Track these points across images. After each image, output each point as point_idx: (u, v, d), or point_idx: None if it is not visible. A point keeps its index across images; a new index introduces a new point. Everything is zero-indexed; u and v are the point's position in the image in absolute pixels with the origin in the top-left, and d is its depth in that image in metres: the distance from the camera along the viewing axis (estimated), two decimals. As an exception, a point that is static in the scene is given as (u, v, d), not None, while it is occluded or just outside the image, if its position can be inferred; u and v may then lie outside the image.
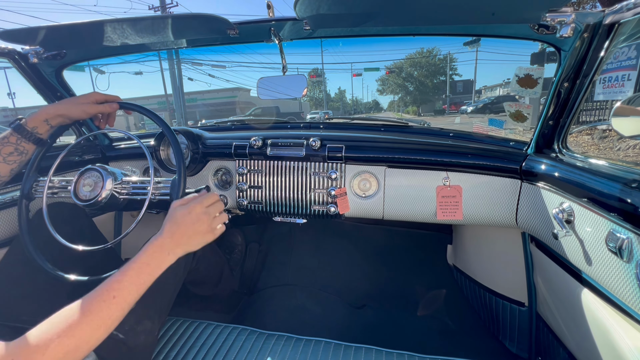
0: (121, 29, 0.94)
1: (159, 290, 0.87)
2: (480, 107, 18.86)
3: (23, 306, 0.85)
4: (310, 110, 30.14)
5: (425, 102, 33.43)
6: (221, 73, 21.21)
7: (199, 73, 14.94)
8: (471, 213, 1.05)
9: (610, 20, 0.71)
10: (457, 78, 33.61)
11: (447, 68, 32.12)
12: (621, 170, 0.70)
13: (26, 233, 0.83)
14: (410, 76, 34.76)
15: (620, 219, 0.61)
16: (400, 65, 35.01)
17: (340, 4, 0.78)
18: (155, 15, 0.88)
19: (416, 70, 34.26)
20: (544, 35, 0.80)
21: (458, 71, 34.07)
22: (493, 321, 1.29)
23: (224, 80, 27.04)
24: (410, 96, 35.16)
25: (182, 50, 1.26)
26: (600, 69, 0.78)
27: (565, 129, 0.90)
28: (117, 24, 0.89)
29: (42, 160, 0.89)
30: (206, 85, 26.54)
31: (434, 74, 33.55)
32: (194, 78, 32.82)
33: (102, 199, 0.84)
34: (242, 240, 1.71)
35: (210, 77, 16.98)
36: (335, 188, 1.11)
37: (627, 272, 0.60)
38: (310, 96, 37.59)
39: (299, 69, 23.31)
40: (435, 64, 33.32)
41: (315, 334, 0.92)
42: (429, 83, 33.60)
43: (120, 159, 1.37)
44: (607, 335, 0.67)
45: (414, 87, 34.61)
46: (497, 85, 33.18)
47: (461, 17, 0.85)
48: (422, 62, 33.57)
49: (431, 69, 33.45)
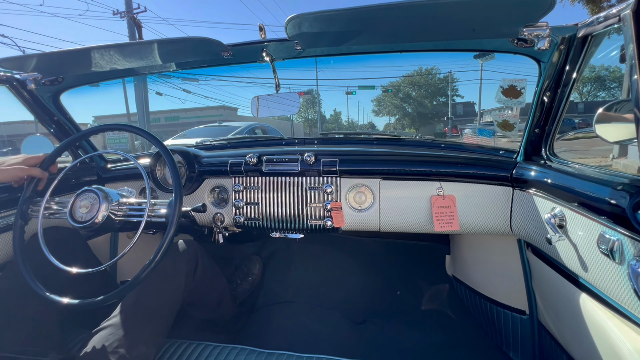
0: (116, 54, 0.97)
1: (155, 313, 0.86)
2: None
3: (15, 334, 0.83)
4: (304, 132, 29.47)
5: (425, 125, 31.53)
6: (200, 89, 19.96)
7: (173, 88, 13.28)
8: (466, 222, 1.06)
9: (583, 33, 0.75)
10: (458, 100, 31.74)
11: (449, 88, 29.90)
12: (608, 174, 0.72)
13: (20, 254, 0.82)
14: (408, 96, 32.56)
15: (609, 222, 0.63)
16: (397, 84, 32.38)
17: (327, 24, 0.82)
18: (150, 40, 0.92)
19: (414, 90, 32.26)
20: (524, 49, 0.85)
21: (459, 92, 32.05)
22: (495, 331, 1.28)
23: (203, 96, 25.08)
24: (408, 118, 32.84)
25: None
26: (579, 78, 0.81)
27: (551, 136, 0.93)
28: (113, 49, 0.92)
29: (37, 184, 0.90)
30: (186, 102, 24.62)
31: (433, 95, 31.60)
32: (170, 95, 30.74)
33: (98, 221, 0.84)
34: (259, 270, 1.64)
35: (186, 92, 16.05)
36: (331, 202, 1.12)
37: (620, 274, 0.61)
38: (304, 117, 36.52)
39: (291, 87, 22.53)
40: (435, 84, 31.30)
41: (317, 350, 0.91)
42: (428, 104, 31.59)
43: (116, 180, 1.37)
44: (606, 339, 0.66)
45: (412, 109, 32.46)
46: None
47: (444, 34, 0.89)
48: (421, 82, 31.62)
49: (430, 89, 31.64)
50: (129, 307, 0.84)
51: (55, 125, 1.28)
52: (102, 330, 0.79)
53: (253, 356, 0.88)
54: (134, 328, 0.80)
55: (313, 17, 0.77)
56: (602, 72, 26.79)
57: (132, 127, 0.94)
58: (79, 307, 0.76)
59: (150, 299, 0.87)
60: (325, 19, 0.79)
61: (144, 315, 0.84)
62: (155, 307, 0.87)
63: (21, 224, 0.87)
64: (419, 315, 1.49)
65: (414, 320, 1.48)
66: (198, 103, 24.61)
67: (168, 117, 23.73)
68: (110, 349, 0.75)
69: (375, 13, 0.76)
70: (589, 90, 28.44)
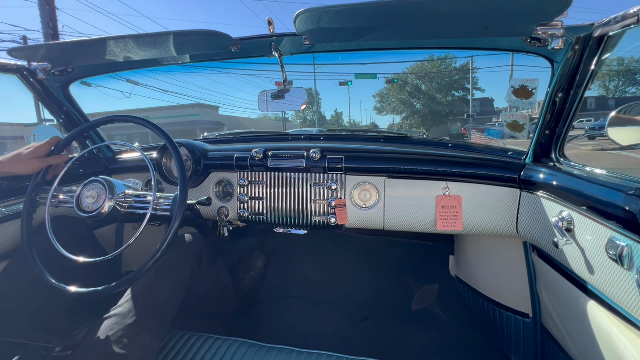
0: (125, 45, 0.97)
1: (159, 304, 0.87)
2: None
3: (21, 321, 0.85)
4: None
5: (437, 124, 25.62)
6: (174, 86, 17.83)
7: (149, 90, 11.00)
8: (472, 223, 1.05)
9: (599, 32, 0.73)
10: (479, 95, 25.26)
11: (469, 78, 23.34)
12: (619, 178, 0.70)
13: (28, 240, 0.83)
14: (418, 90, 26.11)
15: (619, 227, 0.62)
16: (404, 76, 25.68)
17: (336, 19, 0.81)
18: (157, 32, 0.92)
19: (424, 82, 25.76)
20: (537, 48, 0.83)
21: (479, 84, 24.88)
22: (497, 333, 1.27)
23: (173, 93, 22.07)
24: (418, 116, 26.47)
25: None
26: (592, 79, 0.80)
27: (562, 138, 0.91)
28: (122, 40, 0.93)
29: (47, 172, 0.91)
30: (164, 101, 21.65)
31: (448, 88, 25.31)
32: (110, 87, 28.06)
33: (104, 211, 0.85)
34: (262, 265, 1.66)
35: (132, 83, 14.64)
36: (335, 199, 1.12)
37: (628, 280, 0.60)
38: (302, 117, 32.16)
39: (293, 80, 18.81)
40: (450, 75, 25.09)
41: (317, 346, 0.91)
42: (442, 99, 25.38)
43: (123, 171, 1.38)
44: (611, 346, 0.66)
45: (421, 104, 26.21)
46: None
47: (455, 31, 0.88)
48: (433, 72, 25.35)
49: (444, 80, 25.32)
50: (134, 297, 0.85)
51: (64, 116, 1.30)
52: (106, 319, 0.81)
53: (254, 350, 0.89)
54: (138, 318, 0.81)
55: (322, 11, 0.76)
56: (633, 65, 23.77)
57: (141, 119, 0.94)
58: (85, 295, 0.77)
59: (154, 290, 0.88)
60: (334, 14, 0.78)
61: (148, 306, 0.85)
62: (160, 299, 0.88)
63: (30, 211, 0.88)
64: (420, 315, 1.49)
65: (415, 319, 1.48)
66: (169, 102, 22.15)
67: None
68: (114, 338, 0.76)
69: (386, 8, 0.75)
70: (617, 85, 25.09)
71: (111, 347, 0.75)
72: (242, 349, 0.89)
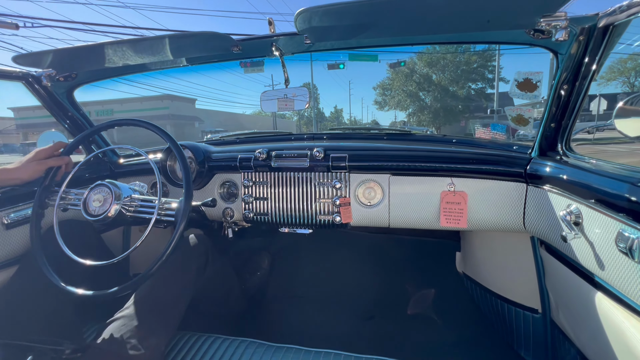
0: (128, 50, 0.98)
1: (166, 306, 0.88)
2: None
3: (30, 325, 0.86)
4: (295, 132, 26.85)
5: (450, 122, 20.44)
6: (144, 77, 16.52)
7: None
8: (478, 219, 1.04)
9: (604, 22, 0.72)
10: (503, 87, 18.51)
11: (492, 70, 18.63)
12: (628, 170, 0.69)
13: (37, 242, 0.84)
14: (427, 80, 20.82)
15: (629, 219, 0.61)
16: (411, 64, 20.39)
17: (336, 17, 0.81)
18: (160, 35, 0.92)
19: (435, 72, 20.53)
20: (540, 40, 0.82)
21: (502, 74, 18.72)
22: (507, 330, 1.26)
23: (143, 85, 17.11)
24: (427, 112, 21.29)
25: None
26: (598, 70, 0.78)
27: (568, 131, 0.90)
28: (124, 44, 0.93)
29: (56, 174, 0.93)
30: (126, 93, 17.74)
31: (464, 78, 20.11)
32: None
33: (111, 215, 0.85)
34: (268, 265, 1.67)
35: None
36: (340, 197, 1.12)
37: (638, 273, 0.59)
38: (299, 114, 29.77)
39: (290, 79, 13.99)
40: (469, 63, 19.70)
41: (324, 345, 0.91)
42: (458, 92, 20.17)
43: (128, 175, 1.39)
44: (623, 339, 0.65)
45: (432, 98, 20.94)
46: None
47: (457, 26, 0.87)
48: (446, 60, 19.96)
49: (460, 69, 20.04)
50: (142, 299, 0.85)
51: (69, 121, 1.31)
52: (115, 321, 0.81)
53: (262, 350, 0.89)
54: (146, 320, 0.82)
55: (323, 10, 0.76)
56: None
57: (145, 123, 0.95)
58: (93, 298, 0.78)
59: (162, 292, 0.88)
60: (335, 12, 0.78)
61: (156, 308, 0.86)
62: (167, 300, 0.89)
63: (39, 213, 0.90)
64: (427, 312, 1.48)
65: (422, 317, 1.47)
66: (134, 94, 18.39)
67: (100, 111, 19.12)
68: (123, 339, 0.77)
69: (386, 5, 0.75)
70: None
71: (120, 349, 0.75)
72: (250, 349, 0.89)
